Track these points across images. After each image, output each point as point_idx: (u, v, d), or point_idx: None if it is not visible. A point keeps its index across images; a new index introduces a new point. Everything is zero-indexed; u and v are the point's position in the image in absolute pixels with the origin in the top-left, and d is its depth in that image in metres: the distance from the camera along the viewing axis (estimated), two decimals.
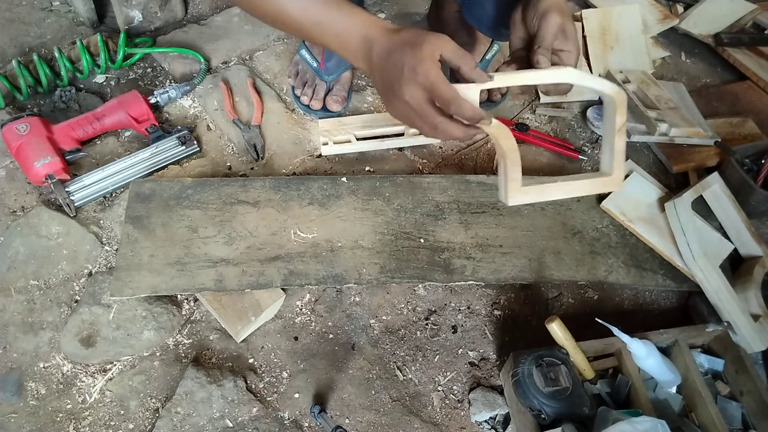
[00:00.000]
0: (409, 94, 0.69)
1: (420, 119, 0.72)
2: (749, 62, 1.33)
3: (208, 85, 1.20)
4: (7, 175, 1.06)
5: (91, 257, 0.98)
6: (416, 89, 0.69)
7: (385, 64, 0.71)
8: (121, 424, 0.85)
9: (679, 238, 0.98)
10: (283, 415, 0.88)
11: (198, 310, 0.95)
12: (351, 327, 0.96)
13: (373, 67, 0.73)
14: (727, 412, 0.87)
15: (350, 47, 0.74)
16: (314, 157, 1.14)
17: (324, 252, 0.95)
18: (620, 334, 0.83)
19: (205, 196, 0.99)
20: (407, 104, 0.70)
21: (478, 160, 1.16)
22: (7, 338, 0.90)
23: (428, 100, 0.70)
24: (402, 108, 0.72)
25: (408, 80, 0.69)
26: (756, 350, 0.90)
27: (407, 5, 1.41)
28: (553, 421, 0.76)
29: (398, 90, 0.70)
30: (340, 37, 0.74)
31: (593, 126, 1.20)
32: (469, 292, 1.01)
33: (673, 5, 1.47)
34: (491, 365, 0.95)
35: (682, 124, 1.15)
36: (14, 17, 1.28)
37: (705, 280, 0.95)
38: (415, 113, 0.71)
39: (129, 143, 1.12)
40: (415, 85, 0.69)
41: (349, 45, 0.74)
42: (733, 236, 1.04)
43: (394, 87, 0.71)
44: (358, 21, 0.73)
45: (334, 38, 0.75)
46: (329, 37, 0.75)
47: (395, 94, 0.71)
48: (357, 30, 0.73)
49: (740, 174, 1.05)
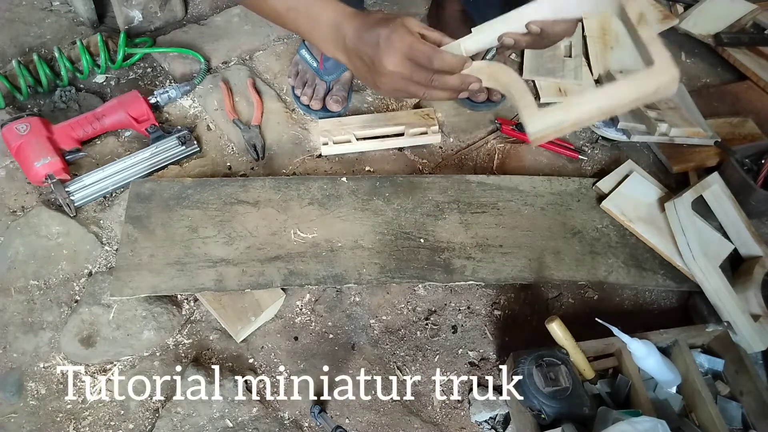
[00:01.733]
0: (392, 63, 0.71)
1: (411, 84, 0.73)
2: (749, 62, 1.33)
3: (208, 85, 1.20)
4: (7, 175, 1.06)
5: (91, 257, 0.98)
6: (396, 56, 0.70)
7: (360, 45, 0.73)
8: (121, 424, 0.85)
9: (679, 238, 0.98)
10: (283, 415, 0.88)
11: (198, 310, 0.95)
12: (351, 327, 0.96)
13: (348, 52, 0.75)
14: (727, 412, 0.87)
15: (321, 33, 0.76)
16: (314, 157, 1.14)
17: (324, 252, 0.95)
18: (620, 334, 0.83)
19: (205, 196, 0.99)
20: (393, 74, 0.72)
21: (478, 160, 1.16)
22: (7, 338, 0.90)
23: (411, 63, 0.71)
24: (389, 81, 0.73)
25: (386, 50, 0.70)
26: (756, 350, 0.90)
27: (407, 5, 1.41)
28: (553, 421, 0.76)
29: (379, 64, 0.72)
30: (312, 24, 0.76)
31: (593, 126, 1.20)
32: (469, 292, 1.01)
33: (673, 5, 1.47)
34: (491, 365, 0.95)
35: (682, 124, 1.15)
36: (14, 17, 1.28)
37: (705, 280, 0.95)
38: (403, 80, 0.72)
39: (129, 143, 1.12)
40: (393, 52, 0.70)
41: (321, 31, 0.76)
42: (733, 236, 1.04)
43: (375, 63, 0.72)
44: (328, 7, 0.75)
45: (307, 24, 0.76)
46: (302, 23, 0.77)
47: (378, 71, 0.72)
48: (327, 16, 0.75)
49: (740, 174, 1.05)
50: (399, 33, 0.70)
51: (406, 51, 0.71)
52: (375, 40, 0.71)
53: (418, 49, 0.71)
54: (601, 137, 1.21)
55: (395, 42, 0.70)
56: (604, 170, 1.14)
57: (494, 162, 1.16)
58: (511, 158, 1.16)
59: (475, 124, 1.21)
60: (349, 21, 0.74)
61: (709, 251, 0.98)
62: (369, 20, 0.73)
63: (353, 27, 0.74)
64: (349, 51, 0.75)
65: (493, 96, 1.20)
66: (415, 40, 0.71)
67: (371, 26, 0.72)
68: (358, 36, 0.73)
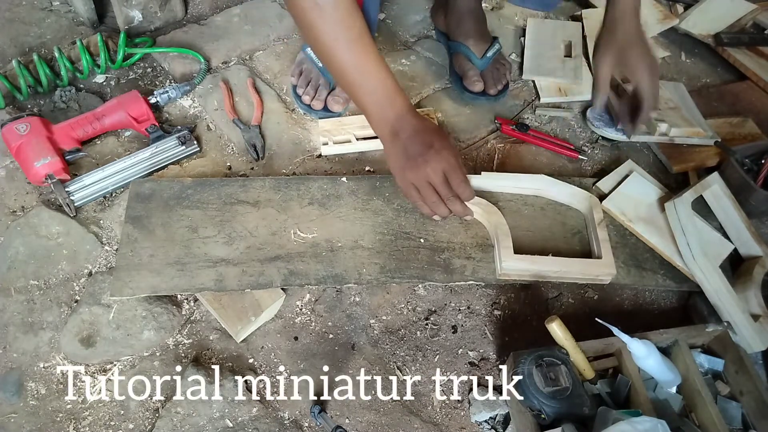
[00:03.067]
0: (432, 168, 0.86)
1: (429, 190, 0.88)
2: (749, 62, 1.33)
3: (208, 85, 1.20)
4: (7, 175, 1.06)
5: (91, 257, 0.98)
6: (439, 165, 0.86)
7: (414, 141, 0.87)
8: (121, 424, 0.85)
9: (679, 238, 0.98)
10: (283, 415, 0.88)
11: (198, 310, 0.95)
12: (351, 327, 0.96)
13: (397, 140, 0.88)
14: (727, 412, 0.87)
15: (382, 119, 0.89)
16: (314, 157, 1.14)
17: (324, 252, 0.95)
18: (620, 334, 0.83)
19: (205, 196, 0.99)
20: (426, 175, 0.86)
21: (478, 159, 1.16)
22: (7, 338, 0.90)
23: (444, 178, 0.87)
24: (417, 179, 0.88)
25: (434, 157, 0.85)
26: (756, 350, 0.90)
27: (407, 5, 1.41)
28: (553, 421, 0.76)
29: (422, 162, 0.86)
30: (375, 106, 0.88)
31: (593, 126, 1.20)
32: (469, 292, 1.01)
33: (673, 5, 1.47)
34: (491, 365, 0.95)
35: (682, 124, 1.15)
36: (14, 17, 1.28)
37: (705, 280, 0.95)
38: (427, 185, 0.88)
39: (129, 143, 1.12)
40: (438, 161, 0.85)
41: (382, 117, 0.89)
42: (733, 236, 1.04)
43: (418, 159, 0.86)
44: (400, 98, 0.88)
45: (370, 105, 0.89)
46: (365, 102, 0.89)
47: (417, 164, 0.86)
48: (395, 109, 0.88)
49: (740, 174, 1.05)
50: (448, 152, 0.86)
51: (447, 168, 0.86)
52: (429, 144, 0.86)
53: (457, 172, 0.87)
54: (601, 137, 1.21)
55: (443, 157, 0.85)
56: (604, 170, 1.14)
57: (494, 162, 1.16)
58: (511, 158, 1.16)
59: (475, 124, 1.21)
60: (412, 117, 0.88)
61: (709, 251, 0.98)
62: (427, 127, 0.88)
63: (413, 126, 0.88)
64: (399, 139, 0.88)
65: (489, 89, 1.20)
66: (458, 164, 0.87)
67: (429, 133, 0.87)
68: (414, 134, 0.87)
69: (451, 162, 0.87)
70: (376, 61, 0.86)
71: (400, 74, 1.27)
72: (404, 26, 1.38)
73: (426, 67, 1.30)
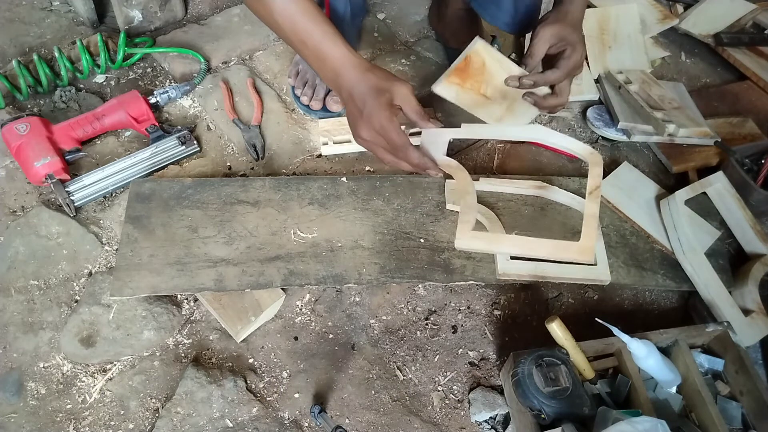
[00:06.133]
0: (366, 134, 0.82)
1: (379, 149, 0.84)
2: (749, 62, 1.33)
3: (208, 85, 1.20)
4: (7, 175, 1.06)
5: (91, 257, 0.98)
6: (371, 131, 0.81)
7: (350, 101, 0.82)
8: (121, 424, 0.85)
9: (671, 233, 1.00)
10: (283, 415, 0.88)
11: (198, 310, 0.95)
12: (351, 327, 0.96)
13: (342, 98, 0.84)
14: (727, 412, 0.87)
15: (325, 73, 0.84)
16: (314, 157, 1.14)
17: (324, 252, 0.95)
18: (620, 334, 0.83)
19: (205, 196, 0.99)
20: (367, 139, 0.82)
21: (478, 159, 1.16)
22: (7, 338, 0.90)
23: (381, 141, 0.82)
24: (361, 142, 0.84)
25: (365, 123, 0.81)
26: (745, 345, 0.91)
27: (407, 5, 1.41)
28: (553, 421, 0.76)
29: (356, 127, 0.83)
30: (318, 62, 0.83)
31: (593, 126, 1.20)
32: (469, 292, 1.01)
33: (673, 5, 1.47)
34: (491, 365, 0.95)
35: (689, 125, 1.15)
36: (14, 17, 1.28)
37: (695, 274, 0.96)
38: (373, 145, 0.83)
39: (129, 143, 1.12)
40: (370, 127, 0.81)
41: (324, 70, 0.83)
42: (738, 234, 1.05)
43: (355, 123, 0.83)
44: (334, 51, 0.81)
45: (314, 60, 0.83)
46: (310, 58, 0.84)
47: (355, 129, 0.83)
48: (331, 62, 0.82)
49: (740, 174, 1.05)
50: (381, 115, 0.79)
51: (381, 133, 0.80)
52: (361, 106, 0.80)
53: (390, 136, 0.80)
54: (601, 137, 1.21)
55: (374, 122, 0.80)
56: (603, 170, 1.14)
57: (494, 162, 1.16)
58: (511, 158, 1.16)
59: None
60: (348, 72, 0.81)
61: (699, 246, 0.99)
62: (365, 82, 0.80)
63: (349, 81, 0.81)
64: (342, 98, 0.84)
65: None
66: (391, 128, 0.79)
67: (365, 90, 0.80)
68: (350, 93, 0.81)
69: (384, 125, 0.79)
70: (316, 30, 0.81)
71: (400, 74, 1.27)
72: (404, 26, 1.38)
73: (426, 67, 1.30)
